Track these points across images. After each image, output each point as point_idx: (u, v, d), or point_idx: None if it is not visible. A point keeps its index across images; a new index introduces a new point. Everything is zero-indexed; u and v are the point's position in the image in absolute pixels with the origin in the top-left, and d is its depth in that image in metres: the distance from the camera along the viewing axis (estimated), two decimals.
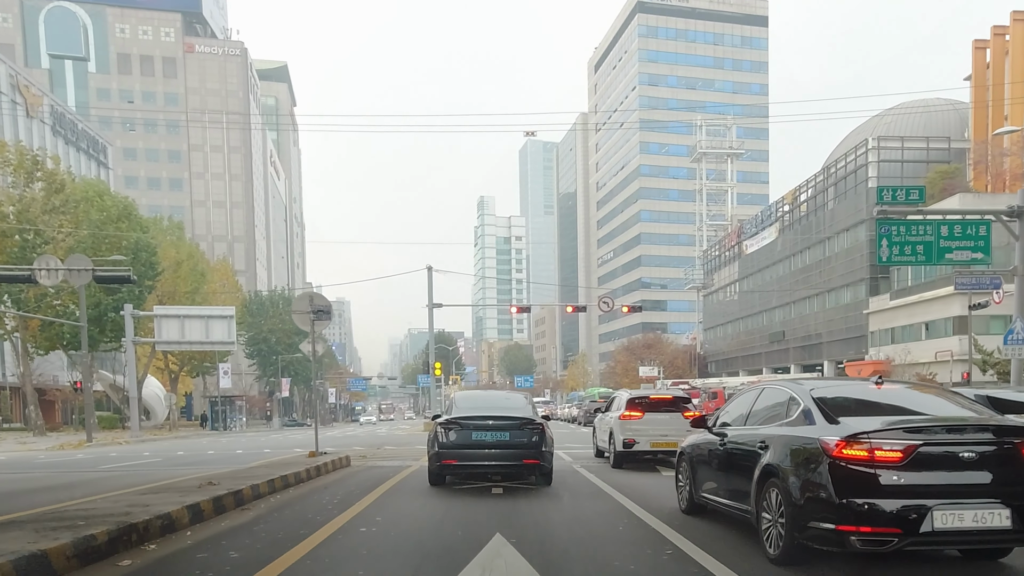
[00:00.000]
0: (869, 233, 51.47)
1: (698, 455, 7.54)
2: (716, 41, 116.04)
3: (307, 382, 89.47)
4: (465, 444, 10.11)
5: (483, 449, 10.08)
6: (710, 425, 7.44)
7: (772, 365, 67.95)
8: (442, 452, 10.19)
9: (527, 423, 10.23)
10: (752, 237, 72.57)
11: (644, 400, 14.12)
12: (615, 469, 13.60)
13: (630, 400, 14.14)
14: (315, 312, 13.57)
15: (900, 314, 47.99)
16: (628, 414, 13.71)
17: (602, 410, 16.50)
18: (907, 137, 52.20)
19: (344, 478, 12.23)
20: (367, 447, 22.44)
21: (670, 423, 13.58)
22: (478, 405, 11.10)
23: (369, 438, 30.69)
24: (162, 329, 39.94)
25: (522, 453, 10.12)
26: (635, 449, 13.49)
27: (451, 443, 10.14)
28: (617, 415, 13.97)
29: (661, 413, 13.81)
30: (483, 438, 10.09)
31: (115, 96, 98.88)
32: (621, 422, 13.68)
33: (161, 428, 56.38)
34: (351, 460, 14.94)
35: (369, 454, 18.00)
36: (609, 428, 14.34)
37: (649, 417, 13.67)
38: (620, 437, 13.57)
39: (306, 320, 13.70)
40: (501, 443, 10.09)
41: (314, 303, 13.64)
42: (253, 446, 25.65)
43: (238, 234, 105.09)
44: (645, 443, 13.47)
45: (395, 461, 15.55)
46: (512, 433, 10.13)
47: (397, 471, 13.30)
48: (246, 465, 13.83)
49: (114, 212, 43.82)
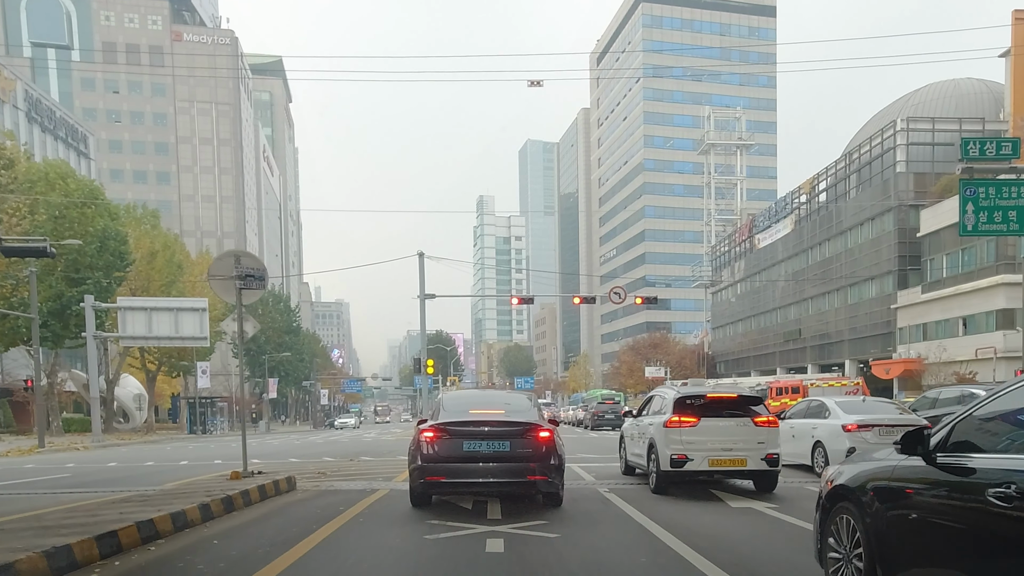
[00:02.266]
0: (898, 223, 47.84)
1: (898, 508, 3.80)
2: (723, 31, 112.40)
3: (297, 383, 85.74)
4: (455, 456, 8.01)
5: (477, 463, 7.99)
6: (929, 448, 3.65)
7: (787, 365, 64.18)
8: (426, 467, 8.10)
9: (532, 429, 8.14)
10: (765, 231, 68.81)
11: (699, 400, 10.30)
12: (658, 496, 10.06)
13: (680, 400, 10.30)
14: (242, 277, 9.86)
15: (934, 308, 44.22)
16: (678, 419, 9.98)
17: (634, 413, 12.78)
18: (938, 118, 48.44)
19: (269, 515, 8.47)
20: (339, 458, 18.69)
21: (736, 433, 9.98)
22: (472, 408, 8.82)
23: (351, 445, 26.91)
24: (127, 322, 36.15)
25: (526, 468, 8.00)
26: (687, 468, 9.86)
27: (437, 455, 8.06)
28: (661, 421, 10.27)
29: (723, 419, 10.09)
30: (477, 449, 8.00)
31: (100, 86, 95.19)
32: (667, 431, 10.02)
33: (138, 431, 52.69)
34: (297, 482, 11.16)
35: (332, 470, 14.22)
36: (648, 438, 10.69)
37: (707, 424, 9.96)
38: (667, 451, 9.95)
39: (229, 288, 9.98)
40: (500, 455, 8.00)
41: (241, 265, 9.90)
42: (202, 456, 21.80)
43: (228, 230, 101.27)
44: (701, 460, 9.83)
45: (359, 482, 11.79)
46: (514, 442, 8.04)
47: (356, 500, 9.56)
48: (117, 495, 9.97)
49: (78, 196, 40.04)
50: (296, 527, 7.40)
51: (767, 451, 9.89)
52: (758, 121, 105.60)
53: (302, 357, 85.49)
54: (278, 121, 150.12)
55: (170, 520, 6.65)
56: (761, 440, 9.93)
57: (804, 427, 13.28)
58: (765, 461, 9.86)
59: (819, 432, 12.72)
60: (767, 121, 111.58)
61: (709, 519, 8.08)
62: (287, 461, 18.24)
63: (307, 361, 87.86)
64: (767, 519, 8.14)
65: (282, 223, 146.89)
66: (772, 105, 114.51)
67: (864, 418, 12.09)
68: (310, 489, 10.84)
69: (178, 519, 6.85)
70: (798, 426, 13.65)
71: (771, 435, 10.05)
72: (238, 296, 9.97)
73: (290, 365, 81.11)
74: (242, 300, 10.04)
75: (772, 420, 10.24)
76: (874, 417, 12.18)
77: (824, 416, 12.93)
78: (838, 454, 11.72)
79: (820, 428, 12.76)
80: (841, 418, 12.33)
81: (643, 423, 11.43)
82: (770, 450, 9.92)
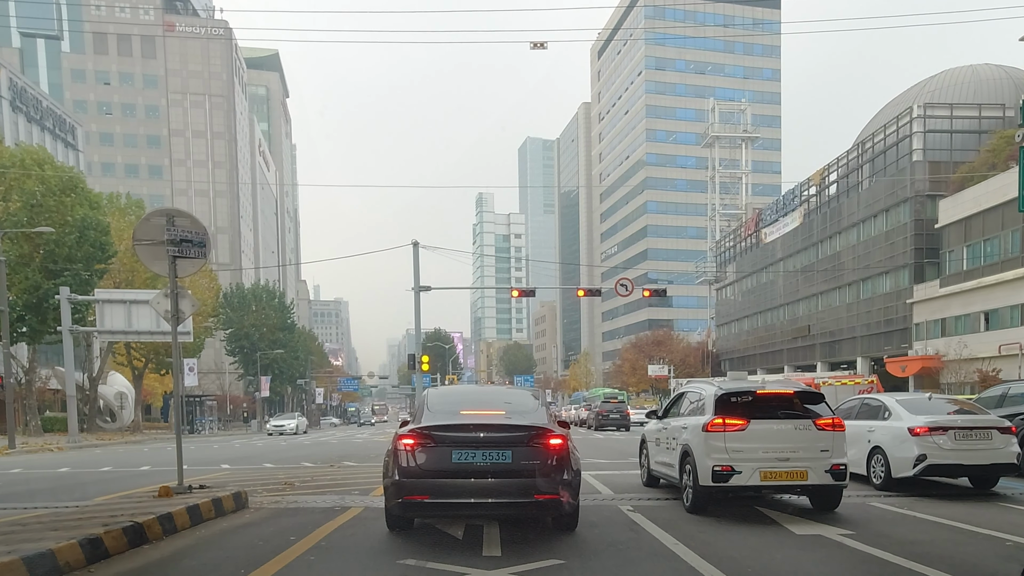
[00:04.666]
0: (914, 214, 45.85)
1: None
2: (726, 23, 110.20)
3: (292, 381, 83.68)
4: (441, 470, 6.27)
5: (470, 478, 6.26)
6: None
7: (795, 363, 62.18)
8: (404, 483, 6.32)
9: (540, 435, 6.42)
10: (772, 224, 66.80)
11: (747, 398, 8.24)
12: (696, 516, 8.11)
13: (723, 398, 8.28)
14: (177, 243, 7.89)
15: (953, 302, 42.22)
16: (722, 422, 7.99)
17: (659, 414, 10.74)
18: (957, 104, 46.38)
19: (193, 549, 6.43)
20: (319, 463, 16.72)
21: (795, 439, 7.99)
22: (464, 408, 7.02)
23: (339, 448, 24.96)
24: (105, 316, 34.23)
25: (532, 485, 6.26)
26: (734, 483, 7.85)
27: (419, 468, 6.31)
28: (700, 424, 8.26)
29: (778, 421, 8.07)
30: (470, 460, 6.29)
31: (90, 77, 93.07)
32: (708, 436, 8.03)
33: (125, 430, 50.73)
34: (251, 497, 9.15)
35: (304, 480, 12.25)
36: (682, 445, 8.71)
37: (757, 428, 7.96)
38: (708, 462, 7.96)
39: (160, 255, 8.01)
40: (499, 468, 6.29)
41: (176, 227, 7.90)
42: (167, 460, 19.66)
43: (222, 225, 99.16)
44: (752, 473, 7.82)
45: (329, 496, 9.80)
46: (516, 452, 6.33)
47: (318, 524, 7.57)
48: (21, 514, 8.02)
49: (56, 184, 38.01)
50: (218, 571, 5.42)
51: (832, 461, 8.02)
52: (762, 115, 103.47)
53: (297, 355, 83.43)
54: (274, 116, 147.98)
55: (24, 570, 4.60)
56: (825, 447, 8.03)
57: (858, 430, 11.20)
58: (830, 474, 7.97)
59: (878, 436, 10.81)
60: (771, 115, 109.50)
61: (776, 555, 6.10)
62: (261, 467, 16.28)
63: (302, 359, 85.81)
64: (848, 552, 6.21)
65: (278, 219, 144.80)
66: (776, 99, 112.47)
67: (936, 419, 10.15)
68: (265, 507, 8.85)
69: (38, 566, 4.77)
70: (850, 429, 11.79)
71: (837, 441, 8.17)
72: (171, 267, 7.99)
73: (284, 363, 79.05)
74: (176, 271, 8.05)
75: (838, 422, 8.32)
76: (947, 418, 10.24)
77: (883, 417, 11.01)
78: (904, 462, 10.09)
79: (879, 431, 10.83)
80: (906, 419, 10.42)
81: (673, 426, 9.44)
82: (836, 460, 8.06)
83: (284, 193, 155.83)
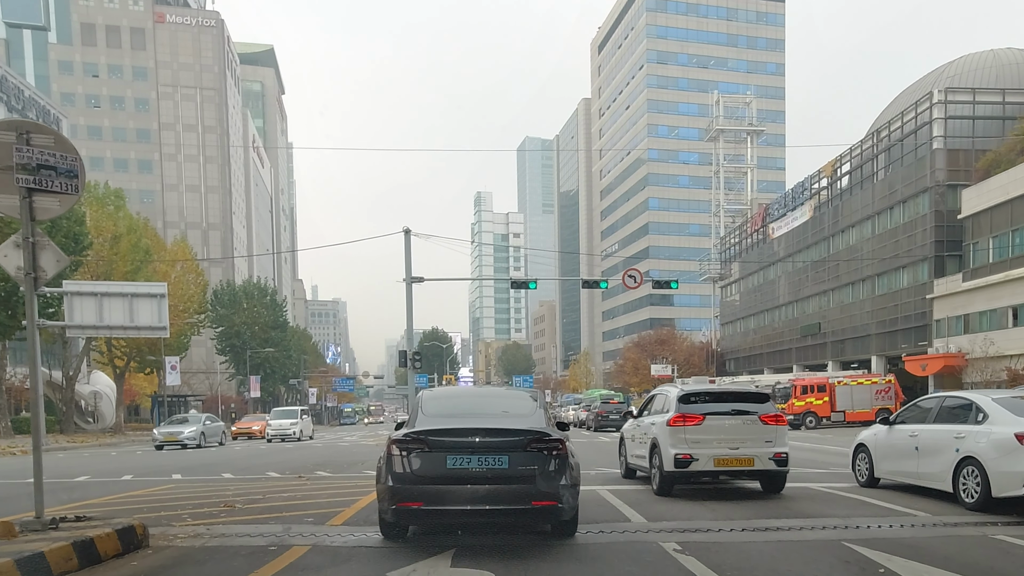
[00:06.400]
0: (934, 204, 43.55)
1: None
2: (730, 16, 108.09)
3: (284, 380, 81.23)
4: (436, 476, 6.04)
5: (465, 484, 6.01)
6: None
7: (804, 362, 59.87)
8: (399, 489, 6.07)
9: (538, 439, 6.19)
10: (780, 219, 64.48)
11: (704, 398, 10.10)
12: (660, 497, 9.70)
13: (684, 397, 10.00)
14: (32, 169, 5.58)
15: (978, 297, 39.90)
16: (682, 418, 9.73)
17: (634, 413, 12.31)
18: (979, 89, 44.04)
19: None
20: (287, 473, 14.35)
21: (743, 431, 9.75)
22: (459, 411, 6.91)
23: (322, 452, 22.62)
24: (74, 309, 31.72)
25: (530, 491, 6.06)
26: (692, 469, 9.62)
27: (413, 474, 6.09)
28: (665, 419, 9.96)
29: (729, 417, 9.85)
30: (466, 466, 6.04)
31: (78, 69, 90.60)
32: (672, 429, 9.74)
33: (107, 432, 48.36)
34: (149, 534, 6.75)
35: (250, 499, 9.87)
36: (651, 438, 10.28)
37: (712, 422, 9.74)
38: (671, 451, 9.65)
39: (8, 187, 5.68)
40: (495, 474, 6.05)
41: (33, 148, 5.55)
42: (109, 469, 17.25)
43: (213, 221, 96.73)
44: (707, 460, 9.57)
45: (272, 526, 7.45)
46: (513, 457, 6.10)
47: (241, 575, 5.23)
48: None
49: None
50: None
51: (775, 450, 9.68)
52: (766, 110, 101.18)
53: (289, 354, 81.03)
54: (270, 112, 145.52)
55: None
56: (769, 439, 9.71)
57: (941, 436, 9.25)
58: (773, 461, 9.64)
59: (970, 444, 8.72)
60: (775, 110, 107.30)
61: None
62: (217, 478, 13.94)
63: (295, 358, 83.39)
64: None
65: (273, 217, 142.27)
66: (781, 94, 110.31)
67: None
68: (174, 545, 6.51)
69: None
70: (928, 435, 9.55)
71: (780, 434, 9.84)
72: (24, 204, 5.64)
73: (276, 362, 76.67)
74: (33, 211, 5.74)
75: (780, 417, 10.04)
76: None
77: (977, 420, 8.89)
78: (1009, 478, 8.07)
79: (971, 437, 8.75)
80: (1010, 423, 8.33)
81: (645, 423, 10.91)
82: (778, 449, 9.71)
83: (280, 191, 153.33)
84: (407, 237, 29.53)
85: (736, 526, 7.36)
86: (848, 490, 10.29)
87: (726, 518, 7.91)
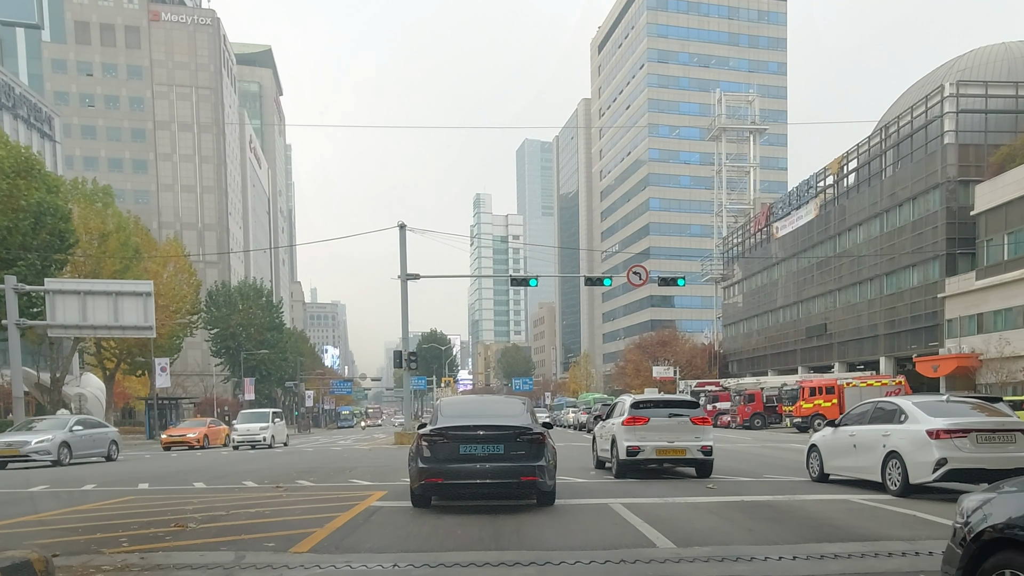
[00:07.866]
0: (946, 201, 42.38)
1: None
2: (731, 15, 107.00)
3: (280, 383, 79.94)
4: (452, 459, 8.47)
5: (473, 464, 8.44)
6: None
7: (810, 363, 58.63)
8: (425, 468, 8.52)
9: (523, 433, 8.65)
10: (784, 218, 63.32)
11: (650, 404, 13.12)
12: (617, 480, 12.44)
13: (635, 404, 13.00)
14: None
15: (991, 296, 38.71)
16: (632, 419, 12.51)
17: (603, 417, 15.30)
18: (992, 82, 42.92)
19: None
20: (264, 483, 13.11)
21: (677, 429, 12.48)
22: (468, 413, 9.38)
23: (312, 458, 21.40)
24: (56, 308, 30.60)
25: (519, 468, 8.50)
26: (640, 457, 12.37)
27: (436, 458, 8.51)
28: (620, 421, 12.75)
29: (668, 418, 12.57)
30: (473, 451, 8.48)
31: (72, 68, 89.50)
32: (625, 427, 12.56)
33: None
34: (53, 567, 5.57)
35: (210, 515, 8.63)
36: (611, 436, 13.15)
37: (655, 422, 12.47)
38: (624, 444, 12.43)
39: None
40: (494, 457, 8.49)
41: None
42: (72, 478, 15.79)
43: (209, 222, 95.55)
44: (651, 450, 12.34)
45: (224, 553, 6.24)
46: (507, 445, 8.53)
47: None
48: None
49: (9, 166, 34.41)
50: None
51: (702, 443, 12.36)
52: (768, 109, 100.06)
53: (285, 356, 79.77)
54: (267, 113, 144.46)
55: None
56: (697, 435, 12.41)
57: (871, 435, 10.72)
58: (701, 451, 12.32)
59: (894, 440, 10.20)
60: (778, 110, 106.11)
61: None
62: (188, 487, 12.72)
63: (291, 360, 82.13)
64: None
65: (271, 218, 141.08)
66: (783, 93, 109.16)
67: (957, 422, 9.60)
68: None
69: None
70: (862, 434, 10.99)
71: (704, 431, 12.60)
72: None
73: (272, 364, 75.42)
74: None
75: (705, 419, 13.00)
76: (969, 421, 9.68)
77: (899, 420, 10.38)
78: (923, 467, 9.60)
79: (895, 435, 10.23)
80: (923, 422, 9.82)
81: (608, 424, 13.81)
82: (704, 442, 12.38)
83: (278, 193, 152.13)
84: (402, 232, 28.37)
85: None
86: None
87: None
